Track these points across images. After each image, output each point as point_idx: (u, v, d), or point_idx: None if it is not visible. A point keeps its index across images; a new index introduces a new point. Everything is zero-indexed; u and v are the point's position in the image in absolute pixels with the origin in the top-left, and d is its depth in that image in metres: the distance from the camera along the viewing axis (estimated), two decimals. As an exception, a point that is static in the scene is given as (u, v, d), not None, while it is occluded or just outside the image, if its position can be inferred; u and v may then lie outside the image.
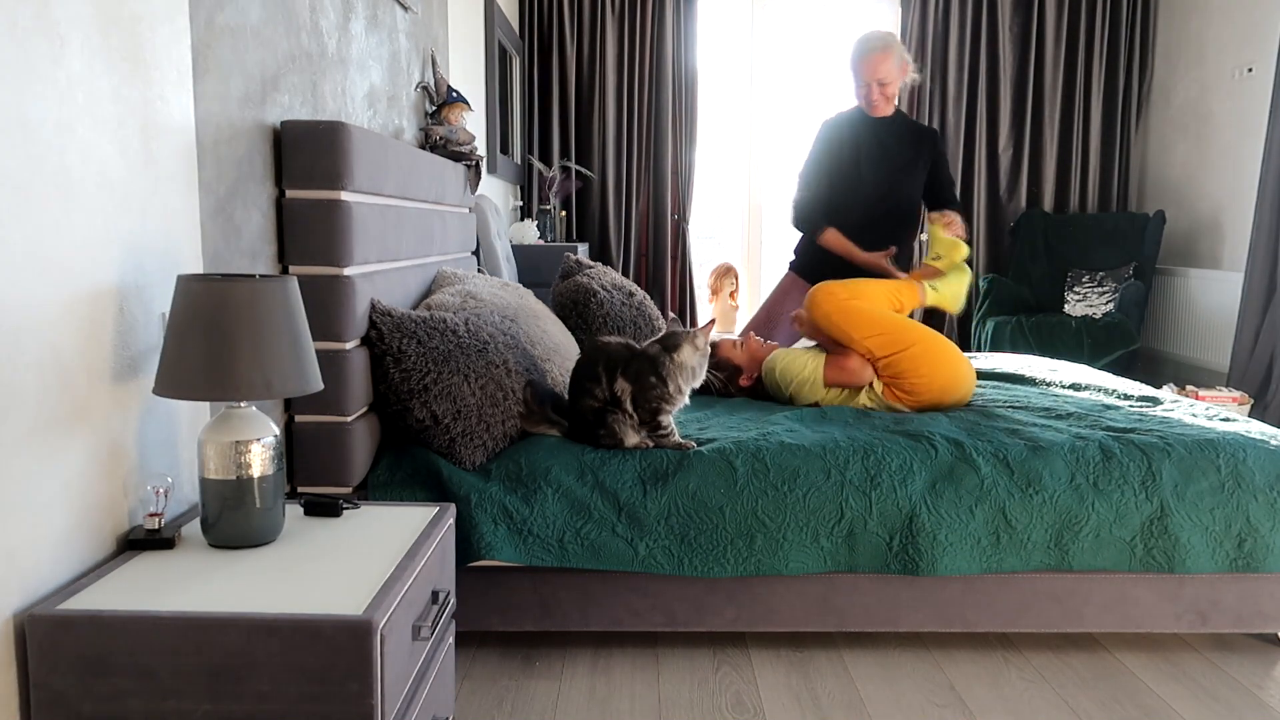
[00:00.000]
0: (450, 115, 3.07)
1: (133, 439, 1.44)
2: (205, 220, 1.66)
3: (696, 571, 2.14)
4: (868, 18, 5.56)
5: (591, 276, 3.26)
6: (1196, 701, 2.09)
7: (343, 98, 2.33)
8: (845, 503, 2.16)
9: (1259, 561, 2.20)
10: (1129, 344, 4.87)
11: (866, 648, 2.32)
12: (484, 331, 2.28)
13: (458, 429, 2.14)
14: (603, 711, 2.02)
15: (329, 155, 1.94)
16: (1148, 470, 2.22)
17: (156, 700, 1.20)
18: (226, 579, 1.32)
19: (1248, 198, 4.71)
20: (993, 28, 5.35)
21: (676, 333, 2.30)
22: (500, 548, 2.09)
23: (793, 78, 5.65)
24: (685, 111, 5.34)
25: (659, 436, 2.28)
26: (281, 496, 1.48)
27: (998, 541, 2.17)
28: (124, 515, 1.44)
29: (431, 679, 1.51)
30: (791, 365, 2.80)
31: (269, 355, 1.35)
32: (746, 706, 2.04)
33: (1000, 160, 5.41)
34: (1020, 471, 2.21)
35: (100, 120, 1.35)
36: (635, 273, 5.48)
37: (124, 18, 1.40)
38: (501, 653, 2.28)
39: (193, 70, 1.60)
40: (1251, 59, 4.72)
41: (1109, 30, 5.37)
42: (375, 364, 2.14)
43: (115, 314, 1.39)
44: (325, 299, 1.96)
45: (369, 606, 1.24)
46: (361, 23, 2.46)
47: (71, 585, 1.28)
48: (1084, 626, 2.25)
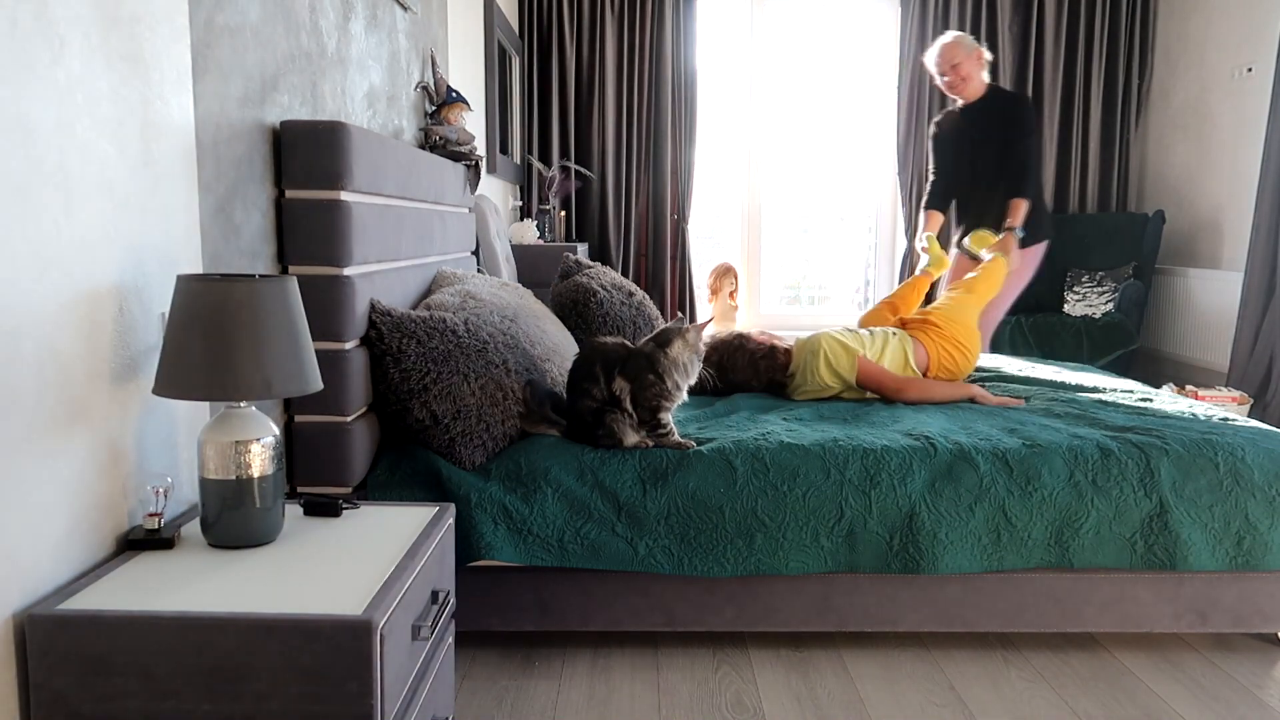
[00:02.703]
0: (450, 115, 3.07)
1: (132, 439, 1.44)
2: (205, 220, 1.66)
3: (696, 571, 2.14)
4: (868, 18, 5.56)
5: (591, 276, 3.26)
6: (1196, 701, 2.09)
7: (342, 98, 2.33)
8: (845, 502, 2.17)
9: (1258, 559, 2.20)
10: (1128, 344, 4.87)
11: (866, 648, 2.32)
12: (483, 331, 2.28)
13: (457, 429, 2.14)
14: (603, 711, 2.02)
15: (329, 155, 1.94)
16: (1146, 468, 2.22)
17: (156, 700, 1.20)
18: (226, 579, 1.32)
19: (1247, 197, 4.71)
20: (992, 28, 5.35)
21: (669, 329, 2.30)
22: (500, 548, 2.09)
23: (792, 78, 5.65)
24: (685, 111, 5.34)
25: (659, 435, 2.28)
26: (281, 496, 1.48)
27: (998, 539, 2.17)
28: (124, 515, 1.44)
29: (431, 679, 1.51)
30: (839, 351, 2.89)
31: (269, 355, 1.35)
32: (746, 706, 2.04)
33: (1000, 160, 5.40)
34: (1019, 470, 2.22)
35: (100, 120, 1.35)
36: (635, 273, 5.48)
37: (123, 18, 1.40)
38: (501, 653, 2.28)
39: (192, 70, 1.60)
40: (1251, 59, 4.72)
41: (1109, 30, 5.37)
42: (375, 364, 2.14)
43: (115, 314, 1.39)
44: (325, 299, 1.96)
45: (369, 606, 1.24)
46: (361, 23, 2.46)
47: (71, 585, 1.28)
48: (1084, 626, 2.26)
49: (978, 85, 3.89)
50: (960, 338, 3.08)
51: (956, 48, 3.85)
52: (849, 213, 5.80)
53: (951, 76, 3.86)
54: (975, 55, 3.86)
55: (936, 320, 3.11)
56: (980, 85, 3.90)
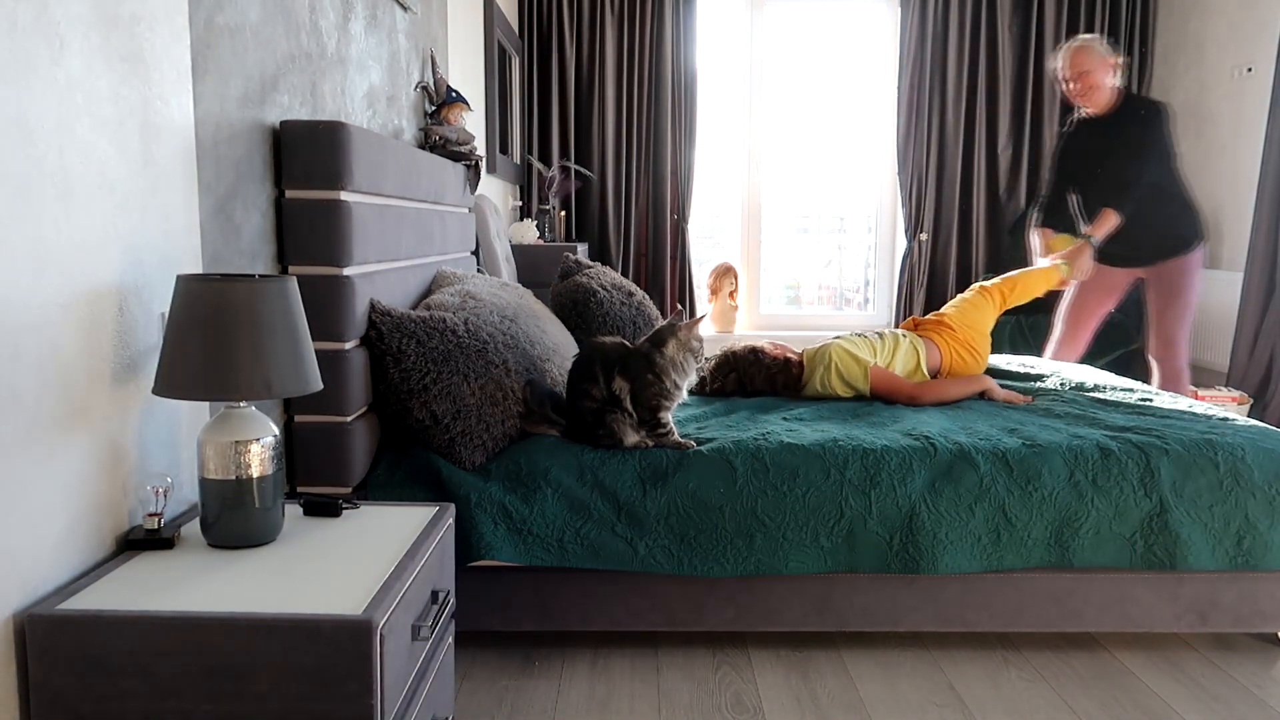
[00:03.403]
0: (450, 115, 3.07)
1: (132, 439, 1.44)
2: (205, 220, 1.66)
3: (696, 571, 2.14)
4: (868, 18, 5.57)
5: (591, 276, 3.26)
6: (1196, 701, 2.09)
7: (342, 98, 2.33)
8: (845, 502, 2.17)
9: (1258, 559, 2.20)
10: (1128, 344, 4.87)
11: (866, 648, 2.32)
12: (483, 331, 2.28)
13: (457, 429, 2.14)
14: (602, 711, 2.02)
15: (329, 155, 1.94)
16: (1146, 468, 2.22)
17: (156, 700, 1.20)
18: (226, 579, 1.32)
19: (1247, 197, 4.71)
20: (992, 28, 5.35)
21: (663, 328, 2.30)
22: (500, 548, 2.09)
23: (792, 77, 5.65)
24: (685, 111, 5.34)
25: (658, 435, 2.28)
26: (281, 496, 1.48)
27: (998, 539, 2.17)
28: (124, 515, 1.44)
29: (431, 679, 1.51)
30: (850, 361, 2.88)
31: (269, 355, 1.36)
32: (746, 706, 2.04)
33: (1000, 160, 5.40)
34: (1019, 469, 2.22)
35: (100, 120, 1.35)
36: (635, 273, 5.47)
37: (123, 18, 1.40)
38: (501, 653, 2.28)
39: (192, 70, 1.60)
40: (1251, 59, 4.72)
41: (1109, 30, 5.37)
42: (375, 364, 2.14)
43: (115, 314, 1.39)
44: (325, 299, 1.96)
45: (369, 606, 1.24)
46: (361, 23, 2.46)
47: (71, 585, 1.28)
48: (1084, 626, 2.26)
49: (1107, 94, 3.54)
50: (973, 341, 3.07)
51: (1086, 54, 3.49)
52: (849, 213, 5.80)
53: (1078, 85, 3.53)
54: (1107, 62, 3.50)
55: (951, 323, 3.11)
56: (1110, 94, 3.55)
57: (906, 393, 2.81)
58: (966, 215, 5.45)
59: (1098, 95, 3.53)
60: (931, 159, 5.38)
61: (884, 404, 2.79)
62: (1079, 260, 3.49)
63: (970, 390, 2.87)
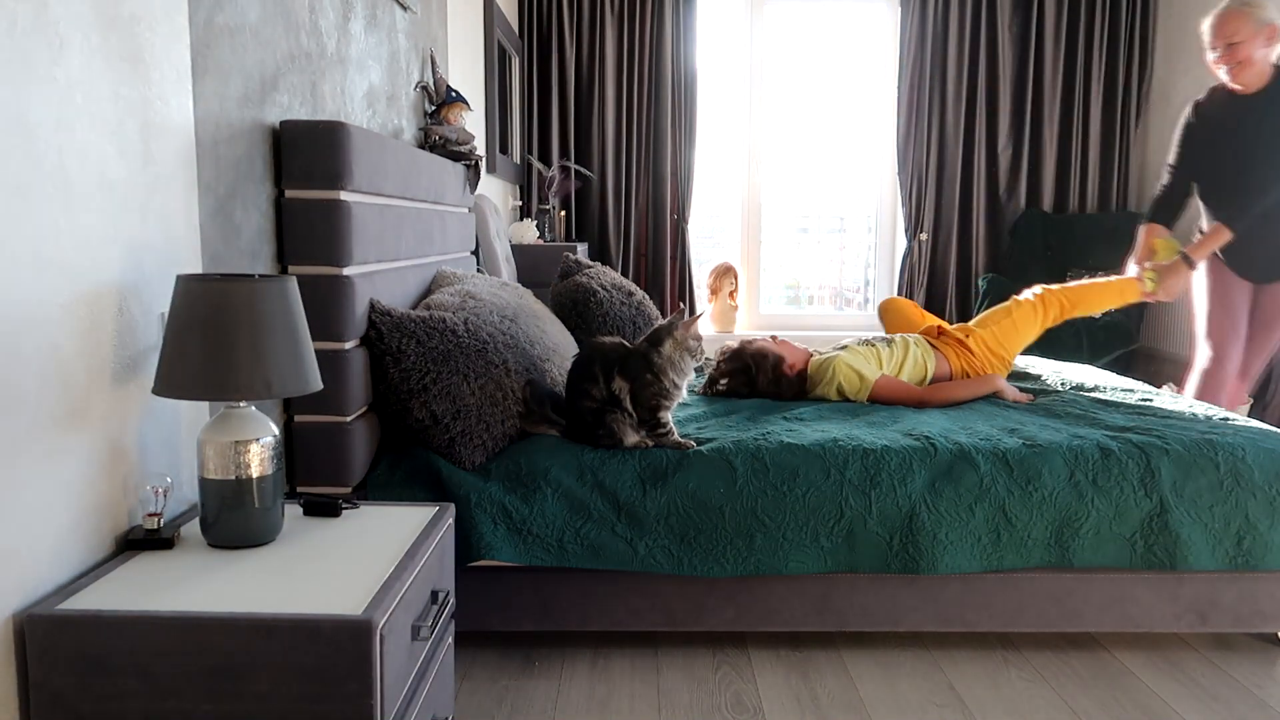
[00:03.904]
0: (449, 115, 3.06)
1: (132, 439, 1.44)
2: (205, 220, 1.66)
3: (696, 571, 2.14)
4: (868, 18, 5.57)
5: (591, 276, 3.26)
6: (1196, 701, 2.09)
7: (342, 97, 2.33)
8: (845, 502, 2.17)
9: (1258, 559, 2.20)
10: (1128, 344, 4.87)
11: (866, 648, 2.32)
12: (483, 331, 2.28)
13: (457, 429, 2.14)
14: (602, 711, 2.02)
15: (328, 155, 1.94)
16: (1146, 468, 2.22)
17: (156, 700, 1.20)
18: (226, 579, 1.32)
19: (1247, 197, 4.70)
20: (992, 28, 5.35)
21: (660, 328, 2.30)
22: (500, 548, 2.09)
23: (792, 77, 5.65)
24: (685, 111, 5.33)
25: (658, 435, 2.28)
26: (281, 496, 1.48)
27: (998, 539, 2.17)
28: (123, 515, 1.44)
29: (431, 679, 1.51)
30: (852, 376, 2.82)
31: (268, 355, 1.35)
32: (746, 706, 2.04)
33: (1000, 160, 5.40)
34: (1019, 469, 2.22)
35: (99, 120, 1.35)
36: (634, 272, 5.47)
37: (123, 18, 1.40)
38: (501, 653, 2.28)
39: (192, 70, 1.60)
40: (1251, 58, 4.72)
41: (1109, 30, 5.37)
42: (375, 364, 2.14)
43: (115, 314, 1.39)
44: (325, 299, 1.96)
45: (368, 606, 1.24)
46: (360, 23, 2.46)
47: (71, 585, 1.28)
48: (1083, 626, 2.26)
49: (1261, 70, 3.02)
50: (991, 368, 3.01)
51: (1238, 19, 2.96)
52: (849, 212, 5.80)
53: (1225, 54, 3.01)
54: (1265, 32, 2.97)
55: (973, 347, 3.03)
56: (1265, 71, 3.02)
57: (915, 399, 2.79)
58: (966, 215, 5.45)
59: (1248, 72, 3.02)
60: (931, 159, 5.38)
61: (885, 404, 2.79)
62: (1170, 279, 3.11)
63: (980, 392, 2.83)
